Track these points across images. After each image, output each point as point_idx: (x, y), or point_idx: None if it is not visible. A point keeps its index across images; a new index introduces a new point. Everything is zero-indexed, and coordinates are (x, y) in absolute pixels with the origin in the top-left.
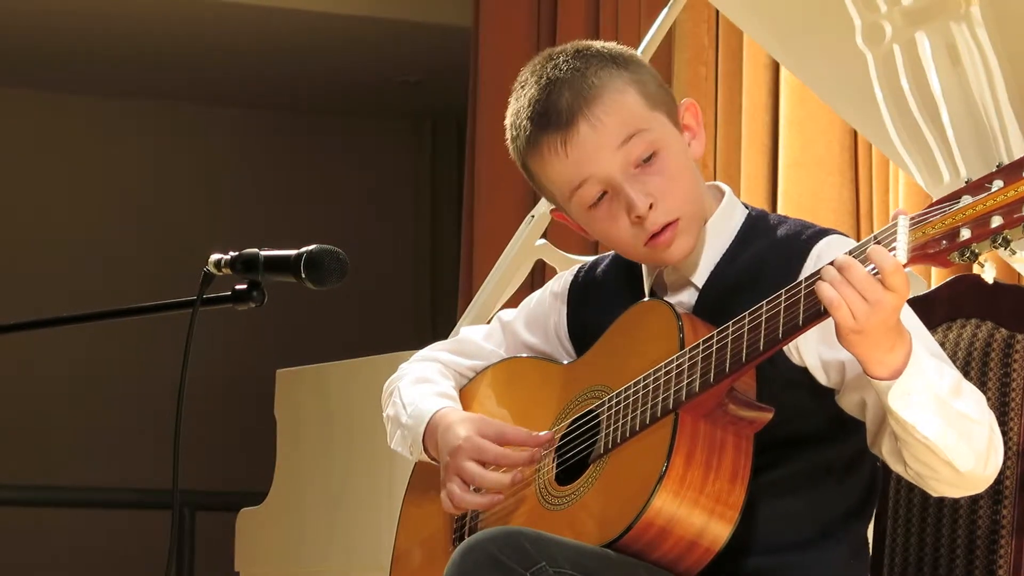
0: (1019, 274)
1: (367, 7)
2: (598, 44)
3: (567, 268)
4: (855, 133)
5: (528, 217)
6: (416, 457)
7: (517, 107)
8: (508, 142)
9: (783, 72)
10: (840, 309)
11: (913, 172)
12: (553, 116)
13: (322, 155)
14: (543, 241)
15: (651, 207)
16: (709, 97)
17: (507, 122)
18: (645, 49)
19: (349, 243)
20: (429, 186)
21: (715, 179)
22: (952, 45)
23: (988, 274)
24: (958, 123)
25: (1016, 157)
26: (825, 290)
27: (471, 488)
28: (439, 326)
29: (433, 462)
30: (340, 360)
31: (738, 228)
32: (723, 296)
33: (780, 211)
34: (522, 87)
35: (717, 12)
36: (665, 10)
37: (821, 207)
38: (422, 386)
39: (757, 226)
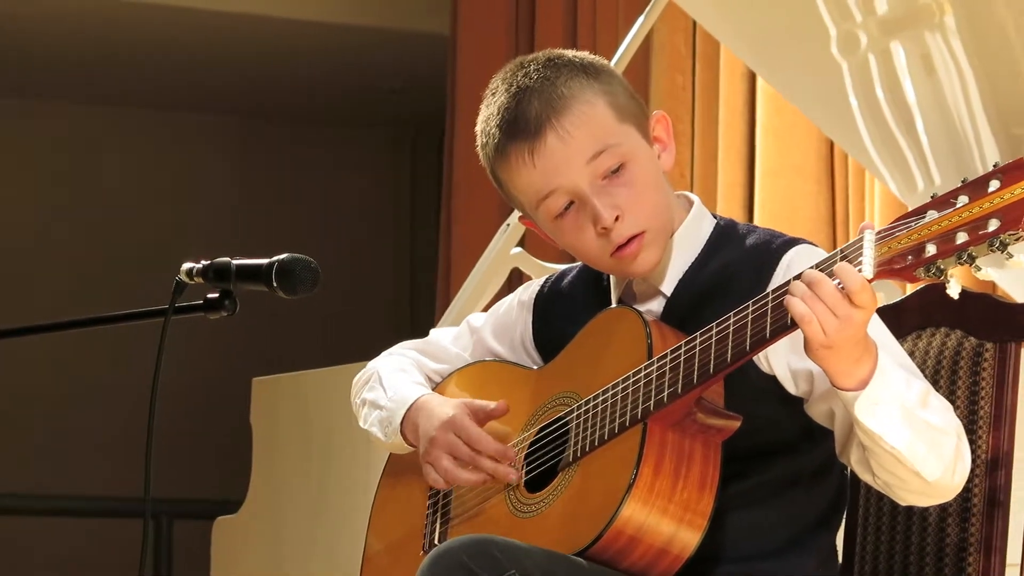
0: (992, 282)
1: (348, 15)
2: (570, 53)
3: (542, 276)
4: (831, 142)
5: (504, 226)
6: (389, 439)
7: (487, 114)
8: (478, 149)
9: (760, 81)
10: (811, 324)
11: (888, 180)
12: (521, 125)
13: (302, 162)
14: (519, 249)
15: (617, 219)
16: (686, 106)
17: (477, 128)
18: (621, 57)
19: (328, 250)
20: (409, 193)
21: (692, 188)
22: (927, 55)
23: (954, 290)
24: (933, 132)
25: (990, 165)
26: (796, 305)
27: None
28: (418, 334)
29: (406, 447)
30: (317, 368)
31: (707, 238)
32: (691, 304)
33: (757, 219)
34: (492, 94)
35: (694, 21)
36: (641, 18)
37: (797, 215)
38: (403, 375)
39: (726, 235)
